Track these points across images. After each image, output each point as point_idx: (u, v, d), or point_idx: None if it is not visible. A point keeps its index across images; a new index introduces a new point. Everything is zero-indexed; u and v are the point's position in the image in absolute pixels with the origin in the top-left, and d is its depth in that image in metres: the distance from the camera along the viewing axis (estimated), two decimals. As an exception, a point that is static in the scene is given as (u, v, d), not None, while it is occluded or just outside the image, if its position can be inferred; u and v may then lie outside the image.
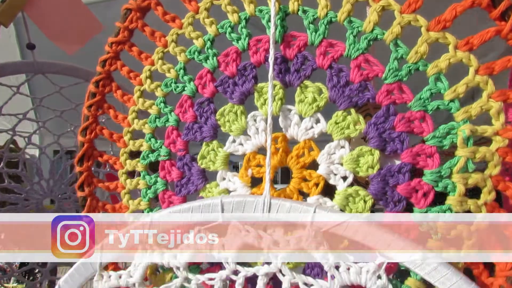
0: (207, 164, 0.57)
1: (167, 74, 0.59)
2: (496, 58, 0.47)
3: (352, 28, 0.50)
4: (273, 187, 0.53)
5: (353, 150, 0.51)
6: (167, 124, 0.59)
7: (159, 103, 0.59)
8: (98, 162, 0.69)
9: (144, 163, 0.61)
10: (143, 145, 0.61)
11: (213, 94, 0.56)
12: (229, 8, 0.55)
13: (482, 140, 0.49)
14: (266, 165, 0.51)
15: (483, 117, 0.48)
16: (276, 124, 0.53)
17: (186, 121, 0.58)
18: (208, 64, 0.56)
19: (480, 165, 0.49)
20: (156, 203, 0.62)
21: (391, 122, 0.49)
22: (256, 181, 0.56)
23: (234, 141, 0.56)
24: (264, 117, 0.54)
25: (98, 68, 0.61)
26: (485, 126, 0.47)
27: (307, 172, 0.52)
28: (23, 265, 1.31)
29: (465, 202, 0.47)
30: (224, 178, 0.57)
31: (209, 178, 0.58)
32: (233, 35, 0.55)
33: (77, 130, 0.64)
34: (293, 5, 0.52)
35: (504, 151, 0.47)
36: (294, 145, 0.53)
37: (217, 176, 0.57)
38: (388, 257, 0.46)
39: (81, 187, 0.62)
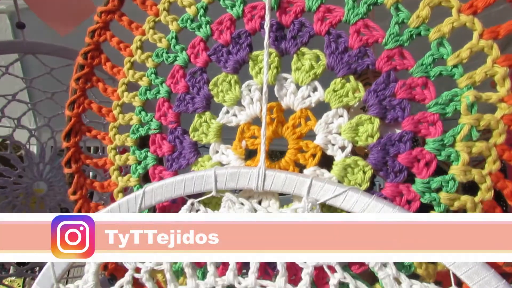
0: (200, 137, 0.55)
1: (159, 44, 0.56)
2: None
3: (351, -8, 0.48)
4: (268, 159, 0.51)
5: (352, 119, 0.48)
6: (158, 96, 0.57)
7: (150, 74, 0.57)
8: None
9: (134, 138, 0.59)
10: (133, 119, 0.59)
11: (206, 64, 0.54)
12: (223, -26, 0.53)
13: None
14: (262, 135, 0.49)
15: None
16: (272, 94, 0.51)
17: (178, 92, 0.55)
18: (201, 33, 0.54)
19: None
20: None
21: (392, 89, 0.47)
22: (251, 155, 0.53)
23: (228, 112, 0.53)
24: (259, 86, 0.52)
25: (87, 39, 0.59)
26: (490, 93, 0.45)
27: (304, 143, 0.50)
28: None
29: (469, 172, 0.45)
30: (217, 151, 0.54)
31: (201, 152, 0.56)
32: (227, 2, 0.53)
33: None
34: (289, -30, 0.50)
35: (510, 119, 0.45)
36: (291, 115, 0.51)
37: (210, 149, 0.54)
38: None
39: (68, 164, 0.60)
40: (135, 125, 0.59)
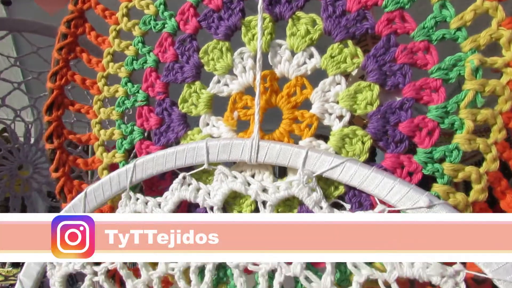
0: (189, 108, 0.52)
1: (146, 11, 0.53)
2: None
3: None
4: (262, 131, 0.48)
5: (350, 86, 0.46)
6: (145, 66, 0.54)
7: (137, 43, 0.54)
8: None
9: (120, 111, 0.56)
10: (119, 91, 0.55)
11: (196, 30, 0.51)
12: None
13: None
14: (255, 104, 0.46)
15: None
16: (265, 62, 0.48)
17: (166, 62, 0.52)
18: (191, -2, 0.51)
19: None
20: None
21: (392, 54, 0.44)
22: (243, 127, 0.50)
23: (219, 82, 0.50)
24: (252, 54, 0.49)
25: (70, 6, 0.56)
26: (495, 58, 0.43)
27: (299, 112, 0.47)
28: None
29: (474, 140, 0.43)
30: (208, 124, 0.51)
31: (191, 125, 0.53)
32: (219, -35, 0.50)
33: None
34: None
35: (516, 84, 0.42)
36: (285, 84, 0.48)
37: (200, 121, 0.51)
38: (389, 204, 0.42)
39: (50, 139, 0.57)
40: (121, 98, 0.55)
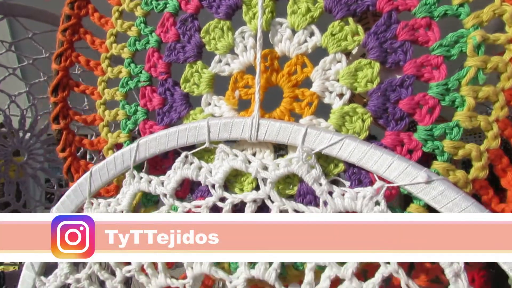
0: (191, 88, 0.52)
1: (148, -9, 0.53)
2: None
3: None
4: (263, 109, 0.48)
5: (351, 64, 0.46)
6: (148, 47, 0.54)
7: (139, 24, 0.54)
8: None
9: (123, 91, 0.56)
10: (122, 72, 0.56)
11: (198, 10, 0.51)
12: None
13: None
14: (256, 83, 0.47)
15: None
16: (266, 41, 0.48)
17: (168, 42, 0.52)
18: (192, -23, 0.51)
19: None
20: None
21: (393, 31, 0.44)
22: (244, 107, 0.51)
23: (220, 61, 0.51)
24: (253, 33, 0.49)
25: (73, -12, 0.56)
26: (498, 34, 0.42)
27: (300, 91, 0.47)
28: None
29: (475, 118, 0.42)
30: (210, 103, 0.52)
31: (193, 104, 0.53)
32: None
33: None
34: None
35: (519, 61, 0.42)
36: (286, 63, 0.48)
37: (202, 101, 0.52)
38: (388, 181, 0.42)
39: (56, 120, 0.58)
40: (125, 78, 0.56)
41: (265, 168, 0.46)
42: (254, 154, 0.49)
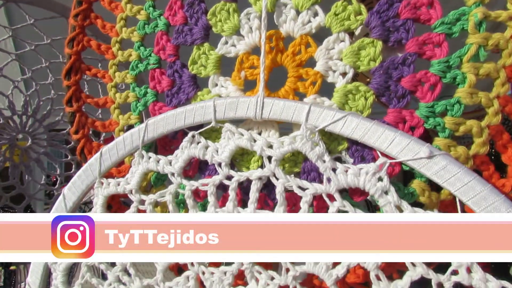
0: (198, 70, 0.53)
1: (156, -25, 0.55)
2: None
3: None
4: (268, 89, 0.50)
5: (354, 43, 0.46)
6: (156, 30, 0.55)
7: (148, 8, 0.56)
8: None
9: (134, 74, 0.58)
10: (132, 55, 0.58)
11: (204, -7, 0.53)
12: None
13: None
14: (261, 63, 0.48)
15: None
16: (271, 22, 0.49)
17: (176, 24, 0.54)
18: (198, -39, 0.52)
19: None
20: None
21: (396, 10, 0.45)
22: (250, 87, 0.52)
23: (226, 42, 0.52)
24: (259, 14, 0.50)
25: (84, -26, 0.58)
26: (499, 11, 0.43)
27: (304, 70, 0.49)
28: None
29: (476, 94, 0.43)
30: (216, 84, 0.53)
31: (201, 86, 0.55)
32: None
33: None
34: None
35: (520, 38, 0.42)
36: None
37: (209, 82, 0.53)
38: (391, 156, 0.43)
39: (69, 102, 0.60)
40: (134, 61, 0.58)
41: (270, 146, 0.47)
42: (260, 133, 0.50)
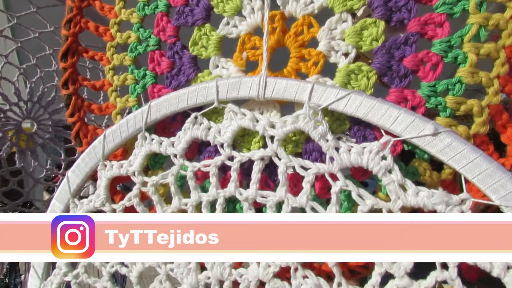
0: (199, 51, 0.53)
1: (156, -44, 0.54)
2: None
3: None
4: (270, 70, 0.49)
5: (356, 23, 0.47)
6: (157, 11, 0.55)
7: (148, -12, 0.55)
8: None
9: (132, 56, 0.57)
10: (131, 36, 0.57)
11: (206, -27, 0.52)
12: None
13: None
14: (264, 42, 0.48)
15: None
16: (274, 3, 0.49)
17: (177, 6, 0.53)
18: None
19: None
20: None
21: (398, -10, 0.45)
22: (251, 69, 0.52)
23: (228, 23, 0.52)
24: (261, -5, 0.50)
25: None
26: (500, -8, 0.44)
27: (306, 51, 0.49)
28: None
29: (476, 74, 0.44)
30: (218, 65, 0.53)
31: (201, 68, 0.54)
32: None
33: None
34: None
35: (520, 18, 0.43)
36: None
37: (210, 63, 0.53)
38: (394, 135, 0.43)
39: (66, 85, 0.59)
40: (133, 43, 0.57)
41: (272, 126, 0.47)
42: (262, 114, 0.50)
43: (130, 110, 0.58)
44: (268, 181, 0.51)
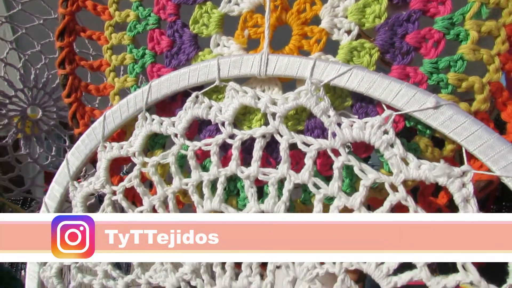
0: (200, 29, 0.53)
1: None
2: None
3: None
4: (271, 48, 0.49)
5: (359, 0, 0.47)
6: (157, -11, 0.54)
7: (148, -34, 0.55)
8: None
9: (131, 35, 0.57)
10: (130, 15, 0.56)
11: (207, -50, 0.52)
12: None
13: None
14: (266, 19, 0.48)
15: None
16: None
17: (177, -17, 0.53)
18: None
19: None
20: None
21: (401, -33, 0.46)
22: (253, 47, 0.52)
23: (230, 1, 0.51)
24: (263, -28, 0.50)
25: None
26: (500, -29, 0.44)
27: (309, 28, 0.49)
28: None
29: (478, 51, 0.44)
30: (219, 44, 0.52)
31: (202, 46, 0.54)
32: None
33: None
34: None
35: (520, -3, 0.44)
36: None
37: (211, 41, 0.52)
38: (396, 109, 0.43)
39: (62, 64, 0.58)
40: (132, 22, 0.56)
41: (274, 103, 0.47)
42: (263, 91, 0.50)
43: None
44: (270, 159, 0.51)
